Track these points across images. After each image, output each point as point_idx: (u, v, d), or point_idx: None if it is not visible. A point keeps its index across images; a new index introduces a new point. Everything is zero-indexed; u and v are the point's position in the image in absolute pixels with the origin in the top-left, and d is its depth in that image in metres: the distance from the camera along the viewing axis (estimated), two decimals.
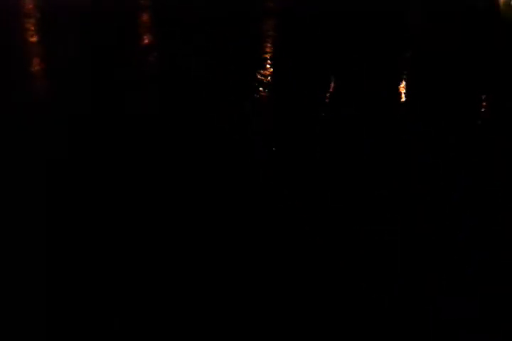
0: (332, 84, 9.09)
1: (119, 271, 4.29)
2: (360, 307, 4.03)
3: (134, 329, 3.73)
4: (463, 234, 5.02)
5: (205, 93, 8.31)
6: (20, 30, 11.65)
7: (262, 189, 5.61)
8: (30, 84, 8.42)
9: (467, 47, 12.12)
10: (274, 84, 8.95)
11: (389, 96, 8.71)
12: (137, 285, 4.13)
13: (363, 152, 6.53)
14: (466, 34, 13.49)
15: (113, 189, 5.43)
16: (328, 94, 8.62)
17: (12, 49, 10.20)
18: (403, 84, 9.46)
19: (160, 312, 3.88)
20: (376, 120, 7.57)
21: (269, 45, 11.71)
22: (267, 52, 10.93)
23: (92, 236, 4.68)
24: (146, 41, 11.54)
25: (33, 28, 11.92)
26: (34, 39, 11.07)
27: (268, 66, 9.91)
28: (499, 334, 3.88)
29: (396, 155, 6.58)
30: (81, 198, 5.25)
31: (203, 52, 10.44)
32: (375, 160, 6.35)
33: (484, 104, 8.77)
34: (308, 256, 4.57)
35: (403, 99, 8.63)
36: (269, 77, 9.20)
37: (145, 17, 14.21)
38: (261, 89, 8.56)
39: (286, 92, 8.54)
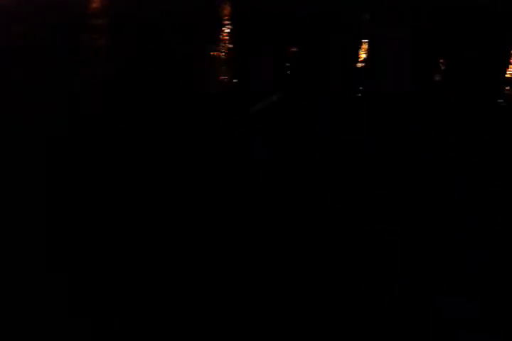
0: None
1: (119, 270, 4.29)
2: (360, 307, 4.03)
3: (134, 329, 3.73)
4: (463, 234, 5.02)
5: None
6: None
7: (262, 189, 5.61)
8: None
9: None
10: None
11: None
12: (137, 285, 4.12)
13: (363, 152, 6.53)
14: None
15: (110, 185, 5.43)
16: None
17: None
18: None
19: (160, 312, 3.88)
20: None
21: None
22: None
23: (92, 235, 4.69)
24: None
25: None
26: None
27: None
28: (499, 334, 3.88)
29: (396, 155, 6.58)
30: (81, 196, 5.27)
31: None
32: (375, 160, 6.35)
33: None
34: (308, 256, 4.57)
35: None
36: None
37: None
38: None
39: None
